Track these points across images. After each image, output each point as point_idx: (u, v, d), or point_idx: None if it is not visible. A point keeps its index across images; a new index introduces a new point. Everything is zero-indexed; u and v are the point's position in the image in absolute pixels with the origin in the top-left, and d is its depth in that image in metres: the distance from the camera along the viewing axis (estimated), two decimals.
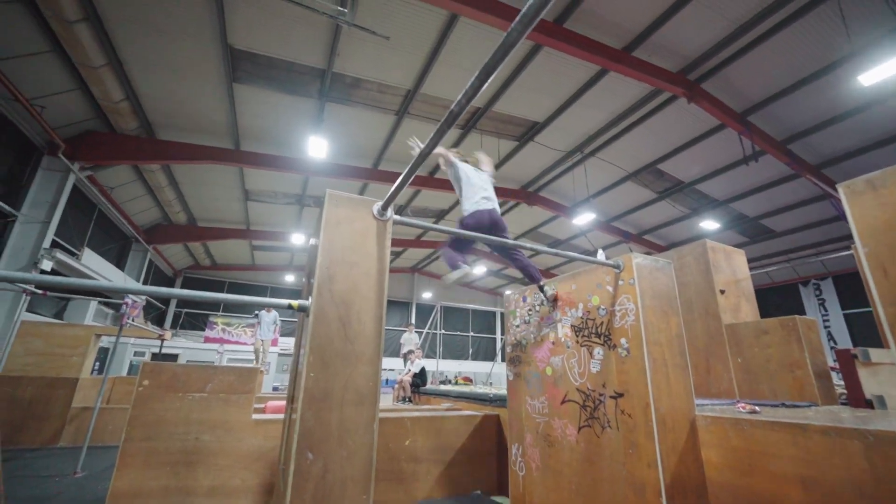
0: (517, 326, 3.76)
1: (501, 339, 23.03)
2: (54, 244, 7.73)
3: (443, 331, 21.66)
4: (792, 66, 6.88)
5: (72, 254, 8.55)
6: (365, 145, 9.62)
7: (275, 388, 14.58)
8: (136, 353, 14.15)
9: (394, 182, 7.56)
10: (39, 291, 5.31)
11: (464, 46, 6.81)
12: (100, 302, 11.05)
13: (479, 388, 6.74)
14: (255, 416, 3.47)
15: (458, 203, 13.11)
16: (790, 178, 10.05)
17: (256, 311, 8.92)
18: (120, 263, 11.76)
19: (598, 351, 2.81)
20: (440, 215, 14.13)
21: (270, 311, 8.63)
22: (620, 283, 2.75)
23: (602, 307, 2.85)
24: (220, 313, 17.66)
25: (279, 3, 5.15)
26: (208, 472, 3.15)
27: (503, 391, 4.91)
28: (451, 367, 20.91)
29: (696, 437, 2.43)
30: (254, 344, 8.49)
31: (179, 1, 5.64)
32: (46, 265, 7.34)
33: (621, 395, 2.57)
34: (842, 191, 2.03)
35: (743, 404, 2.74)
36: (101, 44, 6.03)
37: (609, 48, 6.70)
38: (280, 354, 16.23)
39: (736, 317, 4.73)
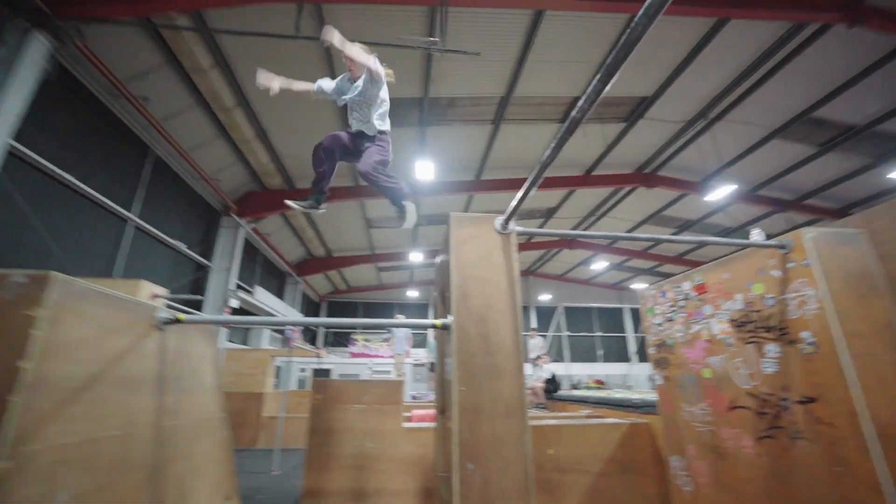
0: (658, 325, 3.42)
1: (636, 336, 21.06)
2: (238, 286, 9.68)
3: (567, 333, 20.74)
4: None
5: (248, 291, 10.57)
6: (466, 158, 9.92)
7: (413, 397, 15.70)
8: (301, 370, 16.67)
9: (498, 189, 7.61)
10: (231, 326, 6.69)
11: (553, 41, 6.59)
12: (273, 329, 13.41)
13: (620, 394, 6.27)
14: (406, 425, 3.79)
15: (565, 201, 12.61)
16: None
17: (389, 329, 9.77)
18: (280, 295, 14.08)
19: (772, 348, 2.39)
20: (548, 215, 13.72)
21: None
22: (791, 265, 2.30)
23: (769, 296, 2.43)
24: (360, 331, 19.83)
25: (380, 48, 5.69)
26: (374, 475, 3.54)
27: (650, 396, 4.48)
28: (580, 370, 19.86)
29: None
30: (392, 358, 9.30)
31: (303, 67, 6.64)
32: (234, 303, 9.22)
33: (813, 400, 2.13)
34: None
35: None
36: (251, 120, 7.43)
37: None
38: (413, 365, 17.44)
39: None
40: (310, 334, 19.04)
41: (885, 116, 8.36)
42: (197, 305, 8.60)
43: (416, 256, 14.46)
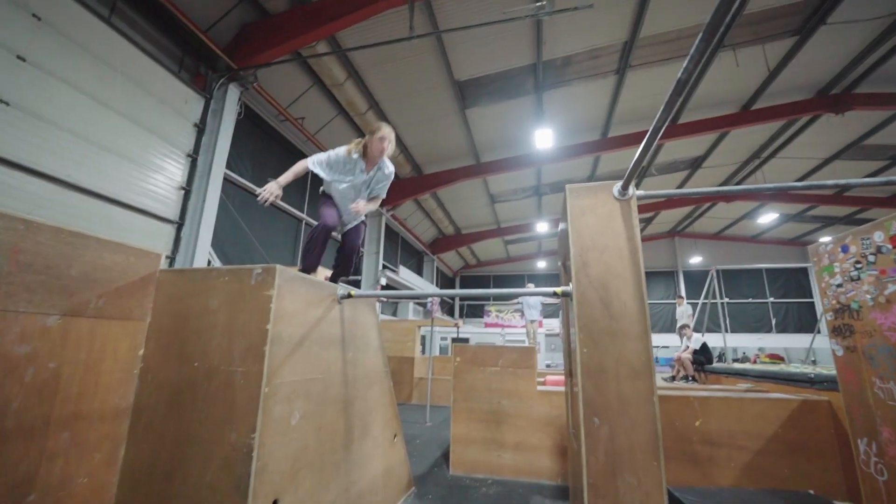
0: (838, 286, 2.86)
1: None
2: (384, 266, 11.15)
3: (727, 299, 17.89)
4: None
5: (393, 270, 12.06)
6: (589, 118, 9.28)
7: (547, 366, 15.83)
8: (442, 339, 18.36)
9: (628, 146, 7.08)
10: (385, 300, 7.81)
11: None
12: (415, 302, 15.04)
13: (792, 367, 5.33)
14: (539, 388, 4.02)
15: (716, 145, 10.78)
16: None
17: (519, 300, 10.03)
18: (419, 272, 15.61)
19: None
20: (694, 164, 11.92)
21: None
22: None
23: None
24: (492, 303, 20.66)
25: (487, 27, 5.75)
26: (511, 429, 3.90)
27: (830, 370, 3.77)
28: (746, 342, 17.06)
29: None
30: (524, 326, 9.59)
31: (421, 63, 7.13)
32: (383, 280, 10.69)
33: None
34: None
35: None
36: (381, 119, 8.33)
37: None
38: (546, 335, 17.49)
39: None
40: (447, 307, 20.66)
41: None
42: (356, 284, 10.25)
43: (542, 227, 14.26)
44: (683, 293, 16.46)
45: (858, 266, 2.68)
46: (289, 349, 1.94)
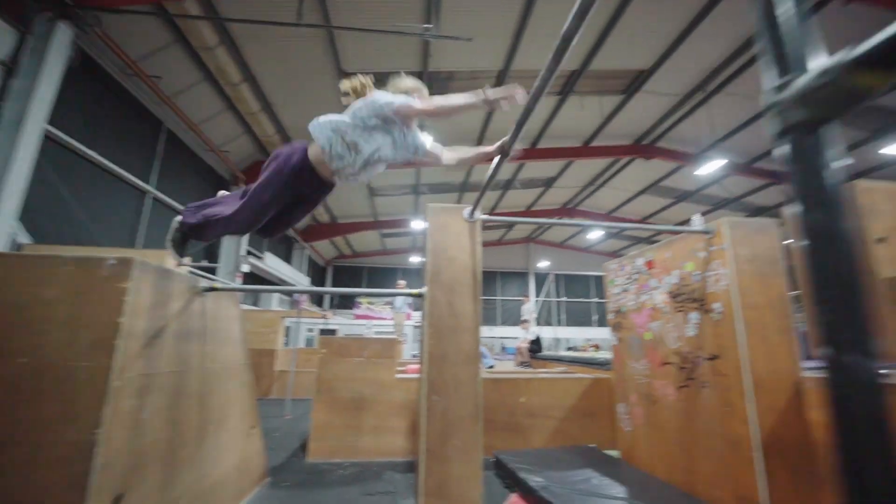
0: (617, 294, 3.94)
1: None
2: (249, 252, 10.30)
3: (565, 298, 21.47)
4: None
5: (258, 257, 11.21)
6: (466, 129, 10.14)
7: (413, 356, 16.72)
8: (309, 330, 17.67)
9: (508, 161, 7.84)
10: (243, 290, 7.32)
11: (548, 15, 6.71)
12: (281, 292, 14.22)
13: (589, 354, 6.91)
14: (398, 375, 4.44)
15: (564, 171, 12.89)
16: None
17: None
18: (288, 259, 14.76)
19: (694, 315, 2.91)
20: (548, 184, 13.99)
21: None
22: (713, 248, 2.77)
23: (696, 273, 2.91)
24: (364, 296, 20.69)
25: (377, 35, 5.92)
26: (370, 415, 4.23)
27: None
28: (576, 334, 20.74)
29: (801, 399, 2.43)
30: (393, 319, 10.03)
31: (307, 48, 6.86)
32: (245, 268, 9.88)
33: (716, 357, 2.67)
34: None
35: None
36: (257, 95, 7.73)
37: None
38: (415, 327, 18.36)
39: None
40: (317, 297, 19.94)
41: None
42: (211, 271, 9.27)
43: (417, 224, 14.94)
44: (531, 292, 19.14)
45: (629, 281, 3.75)
46: (143, 342, 1.89)
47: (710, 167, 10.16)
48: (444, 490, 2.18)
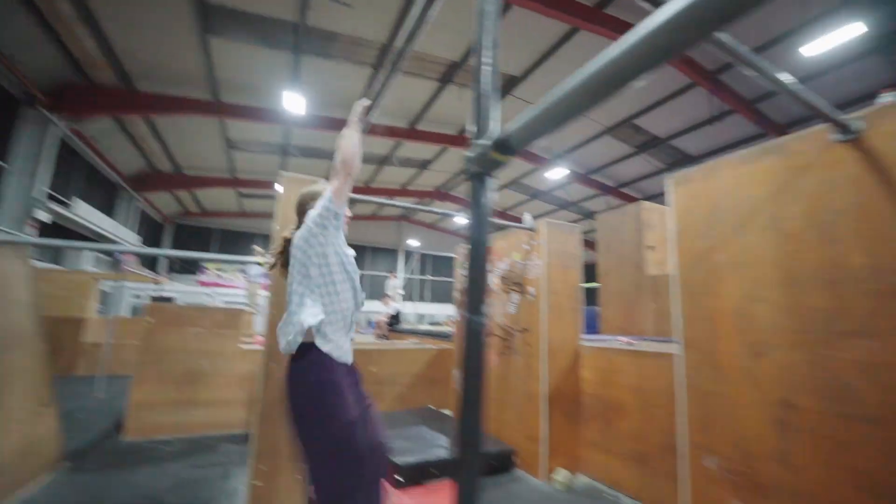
0: (463, 276, 4.45)
1: None
2: (50, 196, 8.12)
3: (430, 277, 22.71)
4: (765, 28, 7.04)
5: (64, 203, 8.94)
6: (346, 97, 9.72)
7: None
8: (136, 297, 14.93)
9: (378, 136, 7.90)
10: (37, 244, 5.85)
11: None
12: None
13: (440, 328, 7.66)
14: (242, 346, 4.22)
15: (439, 156, 13.51)
16: (758, 136, 10.45)
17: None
18: (110, 212, 12.13)
19: (516, 296, 3.52)
20: (423, 166, 14.43)
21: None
22: (534, 242, 3.38)
23: (520, 262, 3.52)
24: (212, 260, 18.35)
25: None
26: (206, 388, 3.95)
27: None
28: (439, 310, 22.18)
29: (577, 361, 3.21)
30: (247, 288, 9.23)
31: None
32: (43, 216, 7.79)
33: (527, 330, 3.31)
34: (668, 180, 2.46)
35: (626, 339, 3.52)
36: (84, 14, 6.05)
37: (581, 5, 6.82)
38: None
39: (662, 269, 5.46)
40: (149, 259, 16.93)
41: (677, 134, 11.00)
42: None
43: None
44: (399, 269, 19.68)
45: None
46: None
47: (557, 173, 11.87)
48: (277, 450, 2.26)
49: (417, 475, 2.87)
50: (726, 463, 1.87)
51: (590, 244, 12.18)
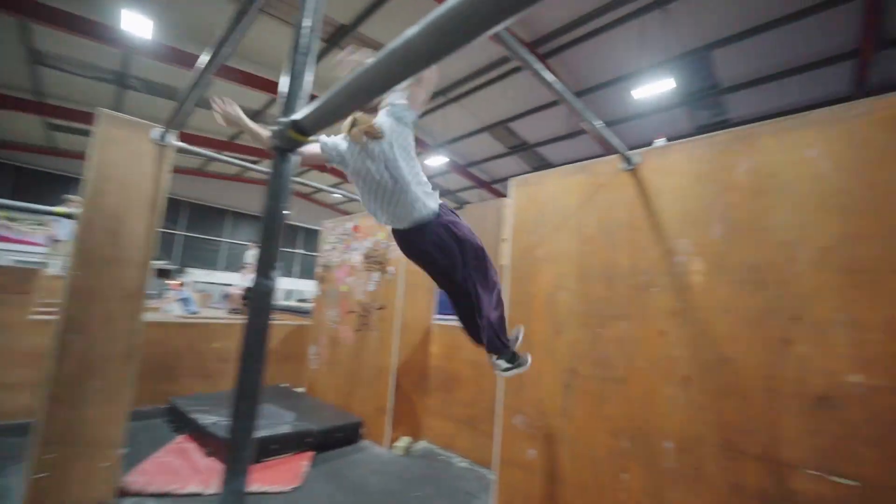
0: (327, 251, 4.35)
1: None
2: None
3: (302, 251, 21.27)
4: (610, 68, 8.33)
5: None
6: (204, 30, 8.32)
7: None
8: None
9: (241, 83, 6.94)
10: None
11: None
12: None
13: (300, 304, 7.38)
14: (35, 317, 3.41)
15: (271, 103, 12.66)
16: (602, 155, 12.44)
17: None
18: None
19: (377, 275, 3.60)
20: (254, 116, 13.36)
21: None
22: None
23: (384, 241, 3.60)
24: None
25: None
26: None
27: None
28: (310, 287, 21.04)
29: (428, 337, 3.48)
30: (52, 247, 7.34)
31: None
32: None
33: (384, 307, 3.44)
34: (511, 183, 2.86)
35: None
36: None
37: None
38: None
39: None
40: None
41: (543, 142, 12.37)
42: None
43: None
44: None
45: (337, 240, 4.21)
46: None
47: (437, 161, 12.29)
48: (71, 435, 1.92)
49: (257, 452, 2.77)
50: (529, 420, 2.28)
51: None
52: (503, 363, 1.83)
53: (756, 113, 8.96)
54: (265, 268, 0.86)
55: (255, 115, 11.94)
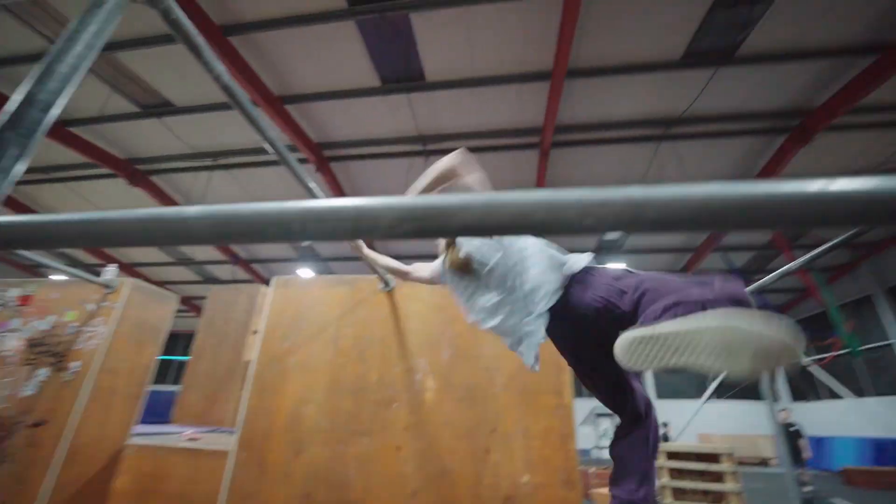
0: None
1: None
2: None
3: None
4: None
5: None
6: None
7: None
8: None
9: None
10: None
11: None
12: None
13: None
14: None
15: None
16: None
17: None
18: None
19: (43, 372, 2.50)
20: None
21: None
22: (105, 304, 2.65)
23: (73, 324, 2.61)
24: None
25: None
26: None
27: None
28: None
29: (114, 465, 2.52)
30: None
31: None
32: None
33: (42, 424, 2.34)
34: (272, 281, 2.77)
35: (191, 433, 3.13)
36: None
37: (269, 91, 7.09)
38: None
39: None
40: None
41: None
42: None
43: None
44: None
45: None
46: None
47: None
48: None
49: None
50: None
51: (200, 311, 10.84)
52: None
53: None
54: None
55: None
